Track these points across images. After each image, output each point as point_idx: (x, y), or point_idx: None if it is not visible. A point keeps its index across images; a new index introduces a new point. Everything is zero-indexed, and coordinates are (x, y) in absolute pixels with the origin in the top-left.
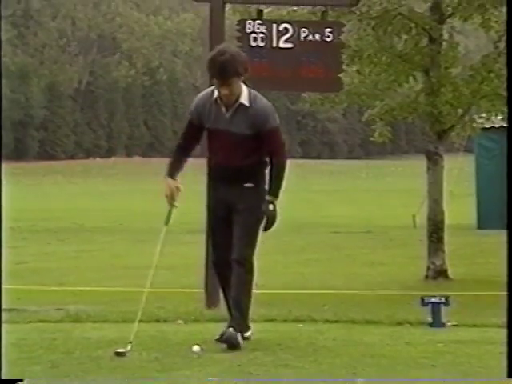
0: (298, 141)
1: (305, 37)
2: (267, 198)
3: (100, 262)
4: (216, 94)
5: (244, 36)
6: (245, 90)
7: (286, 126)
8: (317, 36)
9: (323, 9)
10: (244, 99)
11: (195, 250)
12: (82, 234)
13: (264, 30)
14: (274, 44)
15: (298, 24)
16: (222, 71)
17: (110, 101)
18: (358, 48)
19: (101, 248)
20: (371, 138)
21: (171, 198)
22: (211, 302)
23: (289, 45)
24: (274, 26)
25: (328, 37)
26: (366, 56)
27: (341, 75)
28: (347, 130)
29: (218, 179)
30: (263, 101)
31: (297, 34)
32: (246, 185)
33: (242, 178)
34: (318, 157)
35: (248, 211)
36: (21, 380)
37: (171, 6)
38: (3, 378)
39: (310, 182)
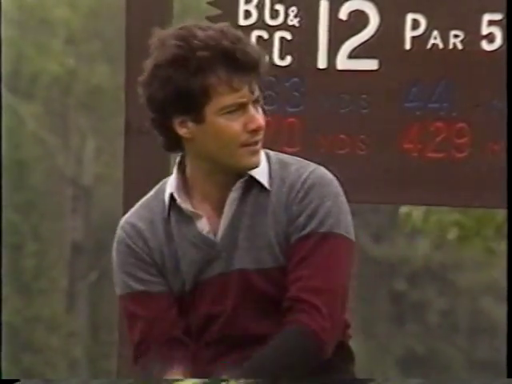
0: None
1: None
2: None
3: None
4: (168, 196)
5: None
6: None
7: None
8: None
9: None
10: (258, 171)
11: None
12: None
13: (296, 21)
14: (338, 63)
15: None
16: (248, 62)
17: None
18: None
19: None
20: None
21: None
22: None
23: (369, 63)
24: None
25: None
26: None
27: None
28: None
29: None
30: (302, 165)
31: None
32: None
33: None
34: None
35: None
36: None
37: None
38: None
39: None
